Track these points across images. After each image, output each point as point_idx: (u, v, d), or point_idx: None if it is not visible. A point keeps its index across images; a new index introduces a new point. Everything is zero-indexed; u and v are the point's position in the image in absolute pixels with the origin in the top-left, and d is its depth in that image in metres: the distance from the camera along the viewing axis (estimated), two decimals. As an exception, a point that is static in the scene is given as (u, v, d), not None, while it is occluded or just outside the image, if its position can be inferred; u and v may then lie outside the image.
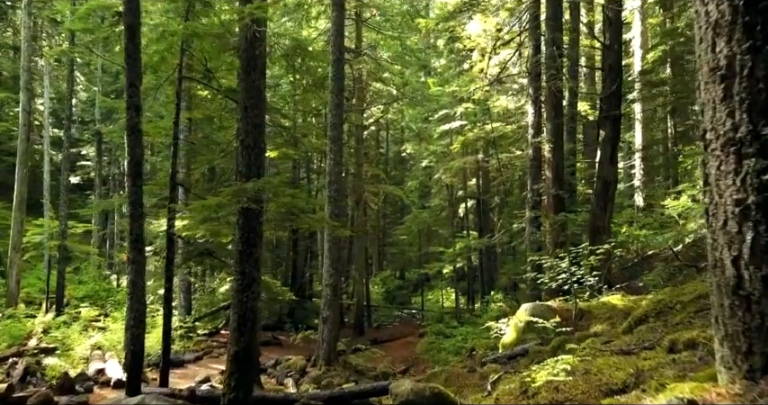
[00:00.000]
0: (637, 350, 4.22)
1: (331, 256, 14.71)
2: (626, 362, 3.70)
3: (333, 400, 8.60)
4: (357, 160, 22.19)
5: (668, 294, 5.90)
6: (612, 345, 4.81)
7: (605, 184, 12.62)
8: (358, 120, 20.83)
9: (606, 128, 12.69)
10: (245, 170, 7.20)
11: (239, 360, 6.91)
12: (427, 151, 26.54)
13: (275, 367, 14.60)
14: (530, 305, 9.16)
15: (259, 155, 7.27)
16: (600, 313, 8.37)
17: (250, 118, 7.29)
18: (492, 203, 25.15)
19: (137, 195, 8.55)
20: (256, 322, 7.10)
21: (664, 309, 5.72)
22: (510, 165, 22.00)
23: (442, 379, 7.62)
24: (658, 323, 5.44)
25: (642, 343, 4.65)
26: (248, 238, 7.12)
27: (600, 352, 4.56)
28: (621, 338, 5.24)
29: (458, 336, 17.62)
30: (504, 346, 9.10)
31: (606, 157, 12.52)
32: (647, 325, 5.53)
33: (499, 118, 22.06)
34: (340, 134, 15.23)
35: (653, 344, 4.21)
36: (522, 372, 4.96)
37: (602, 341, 5.28)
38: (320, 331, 14.95)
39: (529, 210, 13.73)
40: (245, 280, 7.07)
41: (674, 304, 5.63)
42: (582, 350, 4.96)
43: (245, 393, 6.84)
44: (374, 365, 15.56)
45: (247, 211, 7.05)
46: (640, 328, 5.45)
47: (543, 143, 13.61)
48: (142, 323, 8.41)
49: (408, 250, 29.71)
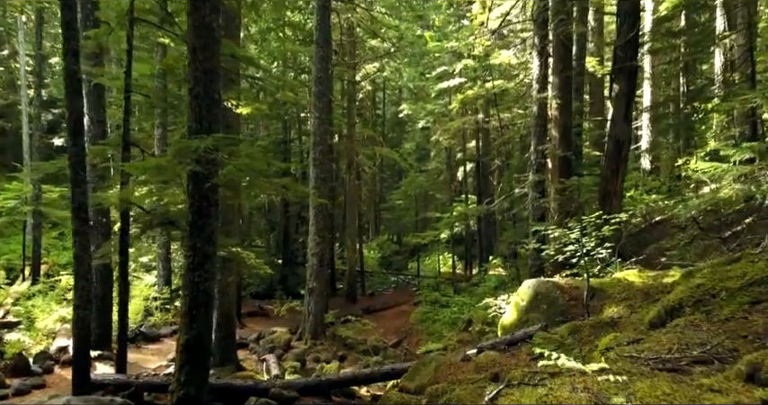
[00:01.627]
0: (687, 364, 3.12)
1: (317, 224, 13.59)
2: (681, 391, 2.60)
3: (309, 388, 7.61)
4: (349, 120, 20.84)
5: (708, 277, 4.76)
6: (646, 349, 3.69)
7: (618, 144, 11.36)
8: (349, 76, 19.34)
9: (620, 81, 11.35)
10: (194, 125, 5.96)
11: (191, 350, 5.84)
12: (424, 111, 25.09)
13: (258, 341, 13.67)
14: (533, 281, 8.06)
15: (212, 107, 6.01)
16: (614, 292, 7.28)
17: (200, 62, 6.01)
18: (492, 166, 23.90)
19: (78, 157, 7.34)
20: (211, 306, 6.01)
21: (704, 296, 4.60)
22: (511, 124, 20.66)
23: (430, 369, 6.58)
24: (698, 316, 4.32)
25: (686, 348, 3.53)
26: (200, 208, 5.95)
27: (633, 363, 3.45)
28: (653, 336, 4.12)
29: (454, 306, 16.72)
30: (503, 327, 8.05)
31: (620, 113, 11.22)
32: (684, 317, 4.41)
33: (501, 76, 20.59)
34: (326, 90, 13.86)
35: (709, 356, 3.11)
36: (528, 382, 3.86)
37: (628, 339, 4.17)
38: (306, 303, 13.98)
39: (532, 173, 12.51)
40: (196, 257, 5.93)
41: (717, 291, 4.51)
42: (606, 357, 3.86)
43: (197, 388, 5.80)
44: (364, 338, 14.66)
45: (197, 176, 5.86)
46: (677, 323, 4.33)
47: (549, 99, 12.29)
48: (89, 303, 7.33)
49: (404, 216, 28.60)
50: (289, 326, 15.42)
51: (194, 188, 5.92)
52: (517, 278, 16.61)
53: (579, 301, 7.44)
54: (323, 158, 13.54)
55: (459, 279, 20.34)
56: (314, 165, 13.50)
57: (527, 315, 7.67)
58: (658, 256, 10.76)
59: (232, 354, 10.94)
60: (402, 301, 19.81)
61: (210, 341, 6.14)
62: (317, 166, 13.39)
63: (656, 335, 4.18)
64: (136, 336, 12.99)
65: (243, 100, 9.87)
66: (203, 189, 5.91)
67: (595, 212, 7.62)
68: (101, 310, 11.47)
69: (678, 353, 3.43)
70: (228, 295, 11.04)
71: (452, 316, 15.79)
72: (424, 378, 6.48)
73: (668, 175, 20.75)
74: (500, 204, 15.72)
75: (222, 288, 10.72)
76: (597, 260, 8.28)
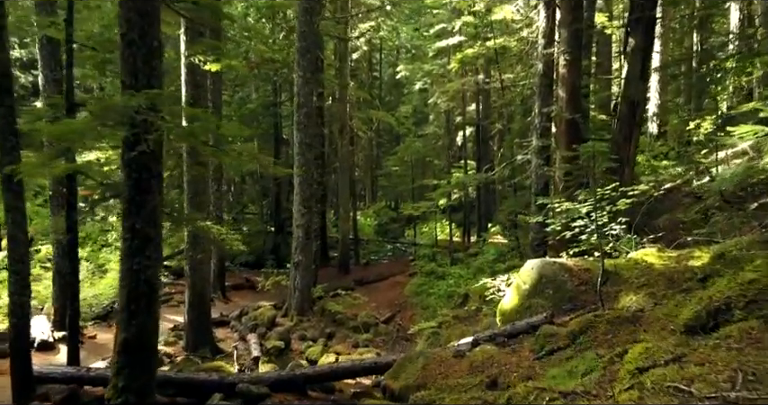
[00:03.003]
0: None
1: (302, 193, 12.58)
2: None
3: (281, 383, 6.73)
4: (341, 81, 19.53)
5: (764, 271, 3.77)
6: (696, 378, 2.72)
7: (632, 105, 10.24)
8: (340, 31, 17.93)
9: (637, 33, 10.15)
10: (128, 80, 4.86)
11: (130, 350, 4.91)
12: (422, 71, 23.72)
13: (240, 319, 12.81)
14: (537, 262, 7.10)
15: (150, 57, 4.90)
16: (631, 276, 6.32)
17: (132, 1, 4.87)
18: (493, 130, 22.71)
19: (6, 119, 6.26)
20: (154, 297, 5.04)
21: (758, 296, 3.62)
22: (513, 86, 19.38)
23: (417, 367, 5.68)
24: (755, 324, 3.34)
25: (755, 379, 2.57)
26: (138, 181, 4.91)
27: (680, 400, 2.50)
28: (699, 352, 3.15)
29: (450, 278, 15.84)
30: (502, 313, 7.13)
31: (635, 71, 10.06)
32: (735, 325, 3.44)
33: (502, 34, 19.18)
34: (311, 46, 12.61)
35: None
36: None
37: (665, 355, 3.19)
38: (292, 278, 13.10)
39: (536, 138, 11.42)
40: (135, 239, 4.93)
41: (778, 291, 3.52)
42: (639, 384, 2.89)
43: (139, 395, 4.88)
44: (355, 313, 13.84)
45: (134, 142, 4.80)
46: (728, 332, 3.36)
47: (556, 55, 11.08)
48: (27, 289, 6.37)
49: (401, 183, 27.53)
50: (275, 300, 14.58)
51: (130, 157, 4.87)
52: (517, 249, 15.69)
53: (590, 286, 6.50)
54: (308, 122, 12.41)
55: (457, 248, 19.40)
56: (298, 129, 12.38)
57: (529, 300, 6.74)
58: (672, 230, 9.78)
59: (207, 335, 10.10)
60: (397, 272, 18.95)
61: (156, 337, 5.21)
62: (301, 131, 12.28)
63: (703, 349, 3.21)
64: (108, 313, 12.15)
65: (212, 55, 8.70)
66: (143, 159, 4.87)
67: (601, 183, 6.61)
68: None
69: (746, 389, 2.47)
70: (202, 272, 10.12)
71: (448, 289, 14.94)
72: (411, 377, 5.58)
73: (677, 140, 19.66)
74: (500, 172, 14.64)
75: (194, 264, 9.80)
76: (609, 236, 7.32)
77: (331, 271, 19.84)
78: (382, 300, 16.03)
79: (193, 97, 9.16)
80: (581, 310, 6.05)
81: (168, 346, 10.14)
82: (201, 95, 9.84)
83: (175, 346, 10.31)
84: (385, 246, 26.59)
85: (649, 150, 18.20)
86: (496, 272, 13.77)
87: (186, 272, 9.93)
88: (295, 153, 12.41)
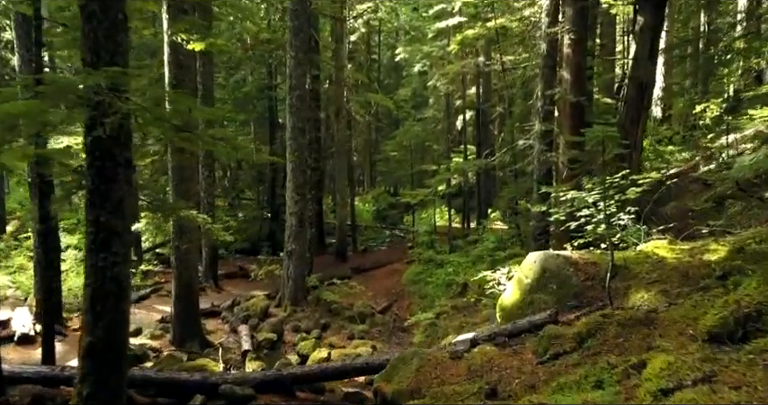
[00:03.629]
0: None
1: (295, 180, 12.12)
2: None
3: (267, 384, 6.34)
4: (337, 63, 18.93)
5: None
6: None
7: (640, 87, 9.72)
8: (335, 10, 17.30)
9: (646, 11, 9.60)
10: (89, 58, 4.37)
11: (96, 355, 4.49)
12: (421, 53, 23.07)
13: (232, 309, 12.43)
14: (540, 255, 6.65)
15: (113, 32, 4.40)
16: (641, 271, 5.88)
17: (93, -32, 4.36)
18: (493, 114, 22.14)
19: (-35, 101, 5.76)
20: (124, 296, 4.61)
21: (795, 302, 3.17)
22: (514, 68, 18.78)
23: (411, 369, 5.27)
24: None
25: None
26: (102, 169, 4.45)
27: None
28: (731, 370, 2.72)
29: (449, 266, 15.44)
30: (503, 309, 6.71)
31: (644, 51, 9.52)
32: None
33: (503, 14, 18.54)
34: (303, 25, 12.03)
35: None
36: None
37: (691, 374, 2.77)
38: (285, 267, 12.70)
39: (539, 122, 10.91)
40: (99, 233, 4.49)
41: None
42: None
43: (106, 404, 4.47)
44: (351, 302, 13.47)
45: (90, 126, 4.33)
46: (764, 343, 2.93)
47: (560, 34, 10.52)
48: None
49: (399, 168, 27.02)
50: (269, 289, 14.19)
51: (94, 143, 4.40)
52: (517, 236, 15.26)
53: (596, 282, 6.07)
54: (300, 105, 11.89)
55: (456, 235, 18.98)
56: (290, 112, 11.87)
57: (532, 296, 6.32)
58: (682, 219, 9.33)
59: (195, 328, 9.71)
60: (395, 259, 18.57)
61: (126, 338, 4.79)
62: (294, 114, 11.77)
63: (736, 367, 2.78)
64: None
65: (196, 34, 8.16)
66: (107, 144, 4.40)
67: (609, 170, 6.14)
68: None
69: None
70: (189, 262, 9.69)
71: (447, 278, 14.56)
72: (404, 380, 5.17)
73: (683, 124, 19.14)
74: (501, 158, 14.14)
75: (180, 254, 9.38)
76: (617, 227, 6.87)
77: (328, 258, 19.46)
78: (379, 288, 15.66)
79: (176, 78, 8.66)
80: (587, 308, 5.63)
81: (154, 340, 9.75)
82: (187, 77, 9.34)
83: (162, 339, 9.92)
84: (383, 232, 26.18)
85: (653, 134, 17.69)
86: (496, 260, 13.35)
87: (172, 262, 9.52)
88: (287, 138, 11.93)
